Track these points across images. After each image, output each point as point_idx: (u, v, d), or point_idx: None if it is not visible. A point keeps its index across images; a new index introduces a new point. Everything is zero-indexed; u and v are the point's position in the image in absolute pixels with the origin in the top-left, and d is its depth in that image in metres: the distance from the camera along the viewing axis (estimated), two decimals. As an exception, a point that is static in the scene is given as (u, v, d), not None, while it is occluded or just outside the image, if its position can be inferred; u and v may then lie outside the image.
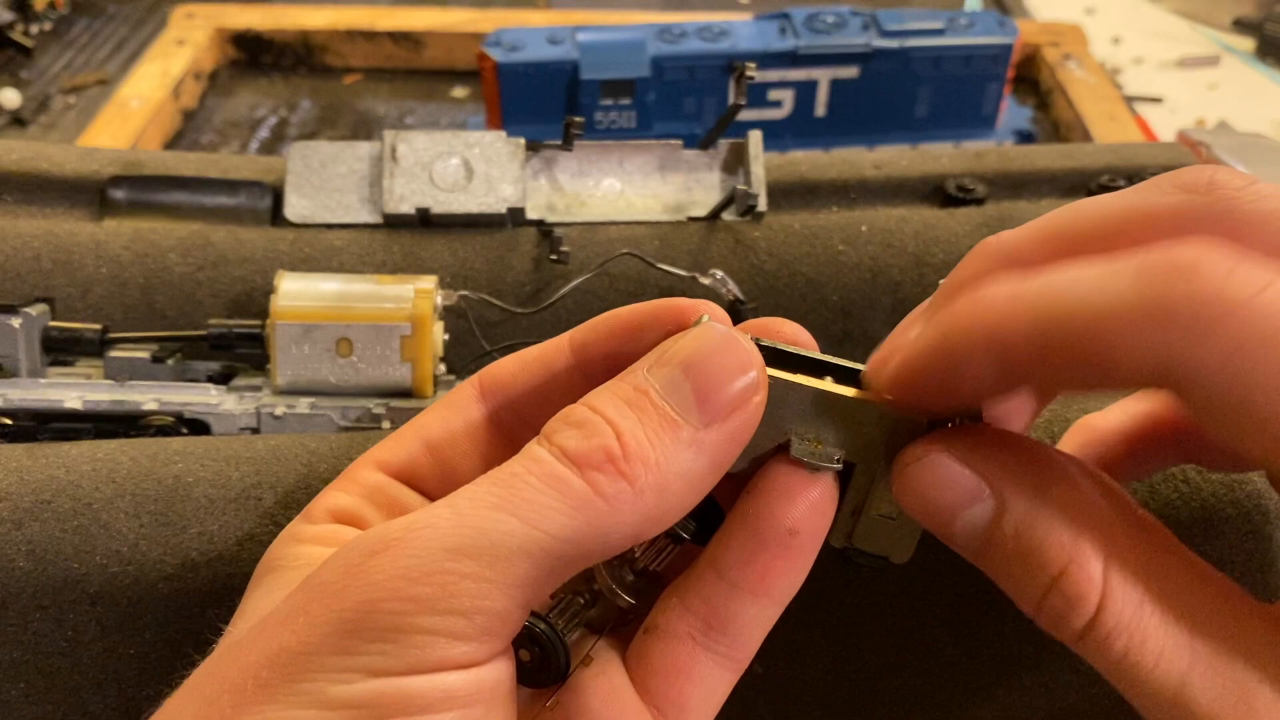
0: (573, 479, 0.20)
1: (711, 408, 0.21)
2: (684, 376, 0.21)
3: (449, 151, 0.44)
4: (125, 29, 0.90)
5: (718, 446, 0.21)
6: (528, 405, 0.25)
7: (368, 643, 0.18)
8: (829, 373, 0.23)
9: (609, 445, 0.20)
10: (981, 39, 0.66)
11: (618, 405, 0.21)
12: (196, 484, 0.31)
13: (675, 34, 0.66)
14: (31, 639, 0.30)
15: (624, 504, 0.20)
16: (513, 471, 0.20)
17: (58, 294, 0.41)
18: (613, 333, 0.24)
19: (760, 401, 0.21)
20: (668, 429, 0.20)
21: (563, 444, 0.20)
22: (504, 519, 0.19)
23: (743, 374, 0.21)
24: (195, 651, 0.30)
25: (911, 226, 0.44)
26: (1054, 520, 0.20)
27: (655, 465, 0.20)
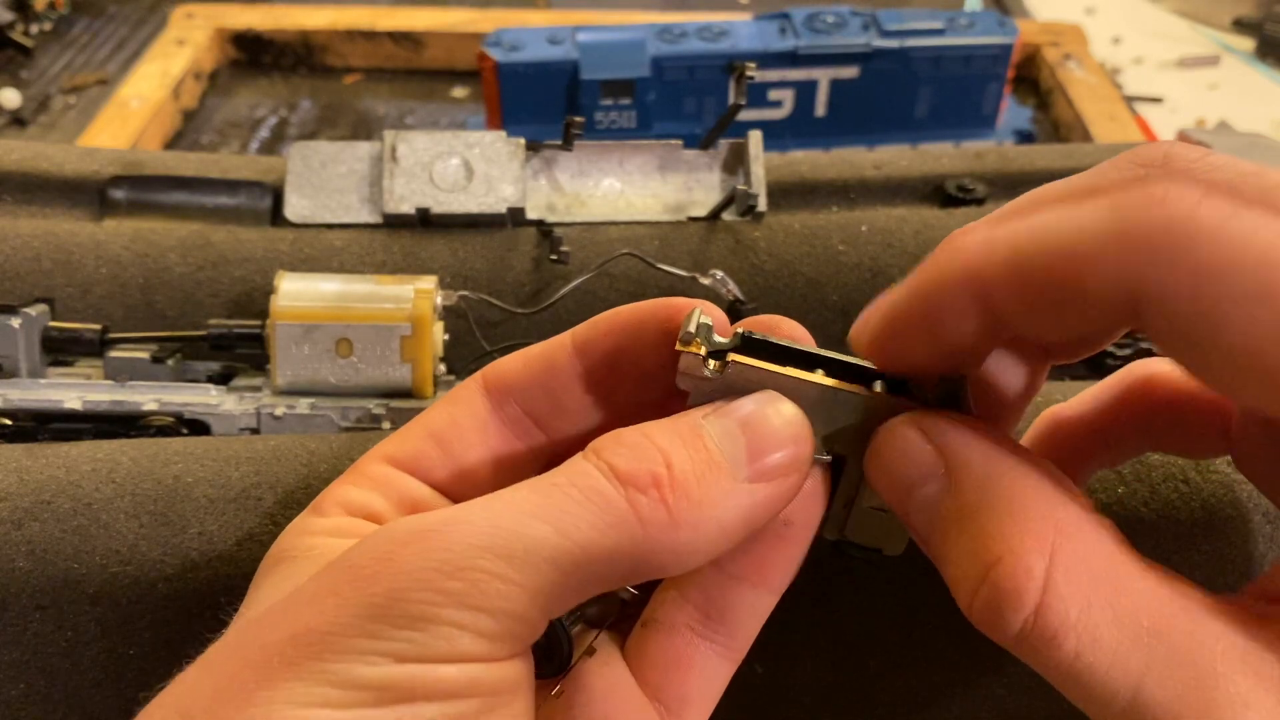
0: (615, 497, 0.20)
1: (760, 466, 0.21)
2: (740, 431, 0.22)
3: (449, 151, 0.44)
4: (125, 29, 0.90)
5: (756, 504, 0.21)
6: (532, 402, 0.25)
7: (396, 629, 0.18)
8: (820, 366, 0.23)
9: (657, 471, 0.20)
10: (981, 39, 0.66)
11: (672, 438, 0.21)
12: (196, 484, 0.31)
13: (675, 34, 0.66)
14: (31, 639, 0.30)
15: (659, 532, 0.20)
16: (554, 482, 0.21)
17: (58, 294, 0.41)
18: (612, 331, 0.24)
19: (804, 475, 0.22)
20: (715, 472, 0.21)
21: (612, 460, 0.21)
22: (539, 525, 0.20)
23: (795, 442, 0.22)
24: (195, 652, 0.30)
25: (911, 226, 0.44)
26: (997, 508, 0.20)
27: (697, 503, 0.20)
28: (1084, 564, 0.20)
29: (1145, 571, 0.20)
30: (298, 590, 0.20)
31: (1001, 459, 0.21)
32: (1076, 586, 0.19)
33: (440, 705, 0.18)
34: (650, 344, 0.24)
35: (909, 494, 0.22)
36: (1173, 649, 0.19)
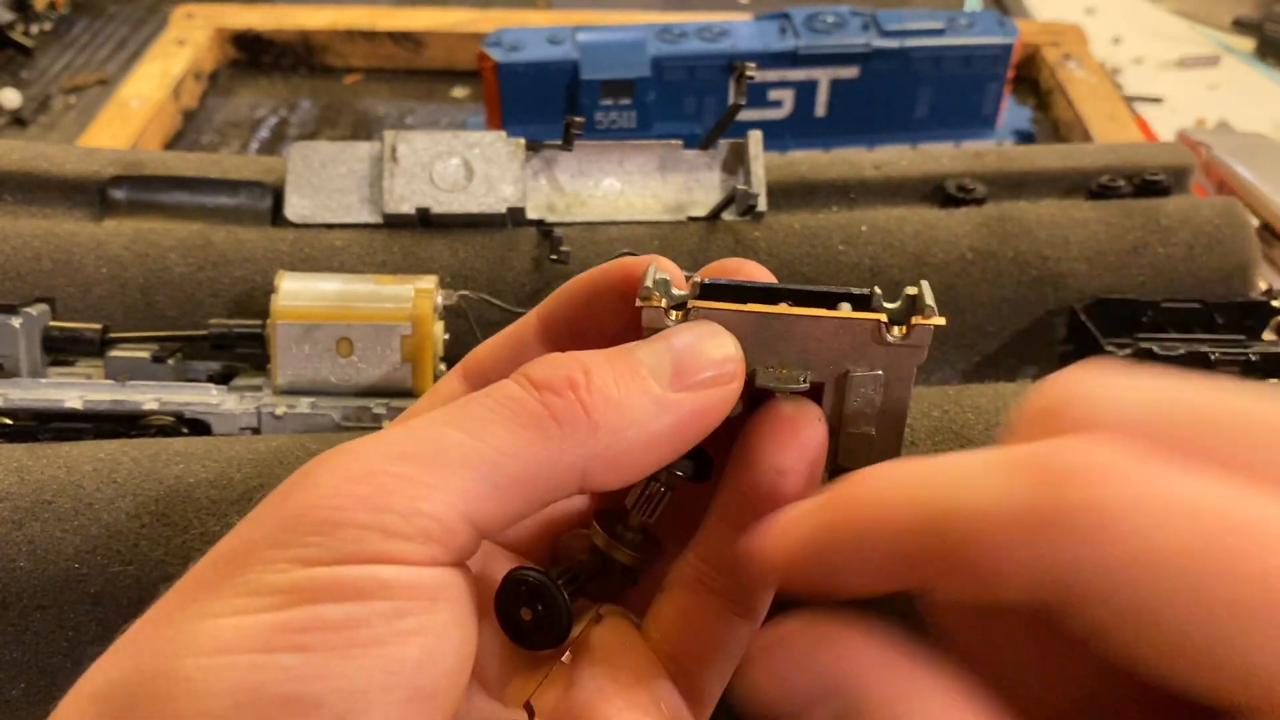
0: (527, 400, 0.20)
1: (684, 376, 0.21)
2: (667, 349, 0.22)
3: (449, 151, 0.44)
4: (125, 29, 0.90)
5: (681, 414, 0.21)
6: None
7: (303, 535, 0.18)
8: (784, 299, 0.23)
9: (574, 376, 0.20)
10: (981, 39, 0.66)
11: (595, 355, 0.21)
12: (198, 485, 0.31)
13: (675, 34, 0.66)
14: (32, 639, 0.30)
15: (576, 431, 0.20)
16: (470, 397, 0.21)
17: (58, 294, 0.41)
18: (573, 300, 0.25)
19: (735, 389, 0.22)
20: (636, 380, 0.21)
21: (529, 372, 0.21)
22: (450, 431, 0.20)
23: (723, 359, 0.22)
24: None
25: (911, 226, 0.44)
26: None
27: (616, 404, 0.20)
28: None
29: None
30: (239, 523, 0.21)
31: (910, 684, 0.18)
32: None
33: (349, 605, 0.18)
34: (610, 308, 0.24)
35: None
36: None
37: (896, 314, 0.23)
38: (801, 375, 0.23)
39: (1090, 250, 0.44)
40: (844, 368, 0.23)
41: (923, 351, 0.23)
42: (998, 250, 0.44)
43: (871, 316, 0.22)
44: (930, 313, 0.22)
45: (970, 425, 0.33)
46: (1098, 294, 0.44)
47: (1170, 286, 0.44)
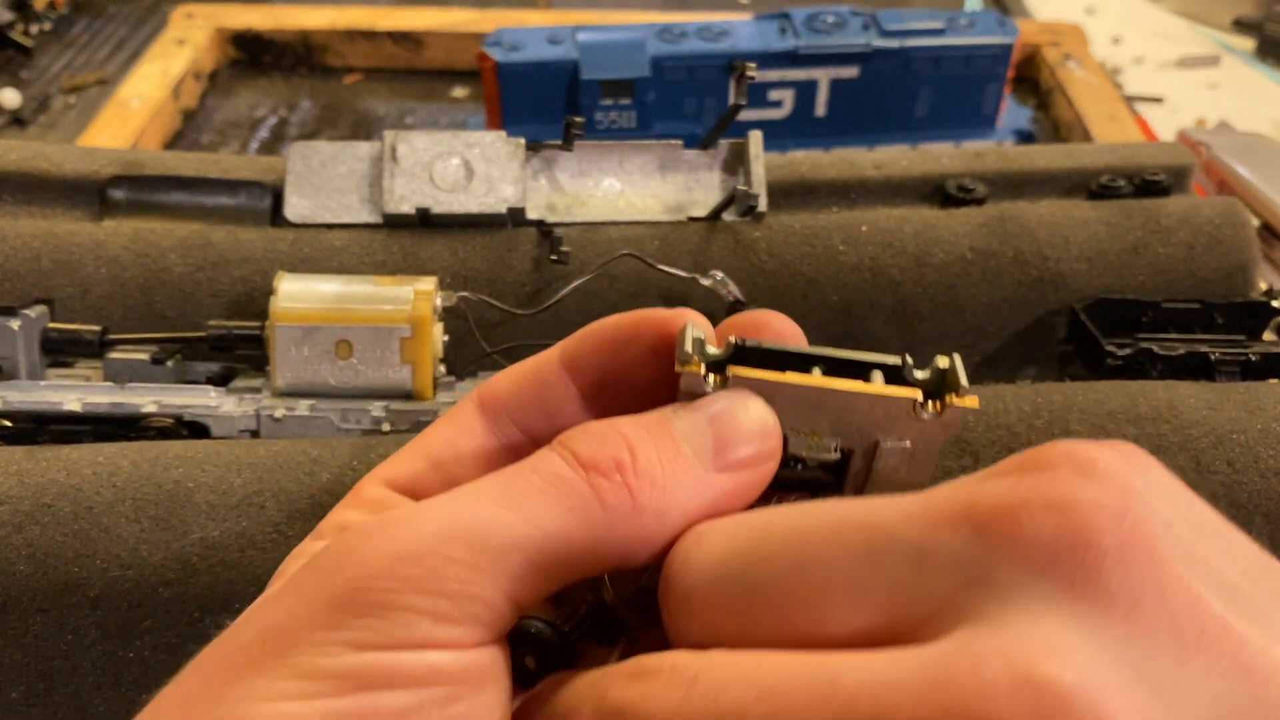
0: (576, 481, 0.20)
1: (726, 457, 0.21)
2: (708, 425, 0.22)
3: (449, 151, 0.44)
4: (125, 29, 0.89)
5: (723, 495, 0.21)
6: (526, 418, 0.25)
7: (355, 618, 0.18)
8: (817, 364, 0.23)
9: (620, 457, 0.20)
10: (981, 39, 0.66)
11: (637, 428, 0.21)
12: (198, 489, 0.31)
13: (675, 34, 0.66)
14: (32, 642, 0.30)
15: (622, 516, 0.20)
16: (518, 471, 0.21)
17: (57, 295, 0.41)
18: (599, 346, 0.24)
19: (772, 468, 0.22)
20: (680, 461, 0.21)
21: (575, 448, 0.21)
22: (501, 511, 0.20)
23: (763, 439, 0.22)
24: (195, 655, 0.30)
25: (911, 226, 0.44)
26: None
27: (661, 488, 0.20)
28: None
29: None
30: (267, 594, 0.20)
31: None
32: None
33: (402, 693, 0.18)
34: (639, 359, 0.24)
35: None
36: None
37: (929, 385, 0.23)
38: (833, 444, 0.23)
39: (1090, 250, 0.44)
40: (874, 438, 0.23)
41: (955, 429, 0.23)
42: (998, 250, 0.44)
43: (908, 394, 0.22)
44: (965, 393, 0.22)
45: (970, 426, 0.33)
46: (1098, 294, 0.44)
47: (1170, 286, 0.44)
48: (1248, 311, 0.43)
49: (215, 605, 0.30)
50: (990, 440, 0.32)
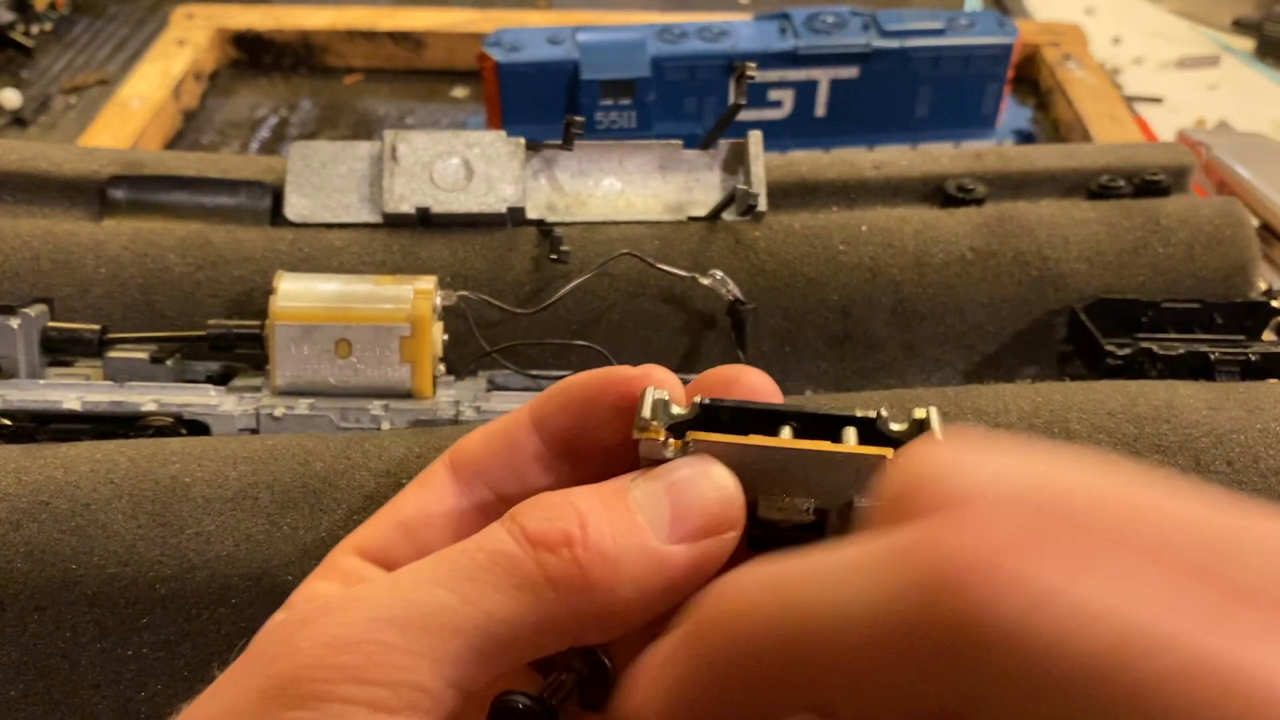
0: (523, 558, 0.19)
1: (683, 528, 0.20)
2: (665, 493, 0.21)
3: (449, 151, 0.44)
4: (126, 29, 0.89)
5: (679, 568, 0.20)
6: (496, 479, 0.24)
7: (289, 710, 0.18)
8: (787, 422, 0.22)
9: (570, 530, 0.19)
10: (981, 39, 0.66)
11: (590, 500, 0.20)
12: (194, 484, 0.31)
13: (675, 34, 0.66)
14: (30, 640, 0.30)
15: (572, 594, 0.19)
16: (463, 548, 0.20)
17: (57, 294, 0.41)
18: (566, 406, 0.24)
19: (734, 537, 0.21)
20: (634, 533, 0.20)
21: (523, 522, 0.20)
22: (441, 593, 0.19)
23: (723, 507, 0.21)
24: (193, 652, 0.30)
25: (911, 226, 0.44)
26: None
27: (613, 563, 0.19)
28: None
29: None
30: (215, 684, 0.20)
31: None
32: None
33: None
34: (604, 419, 0.23)
35: None
36: None
37: (905, 436, 0.22)
38: (805, 505, 0.22)
39: (1090, 250, 0.44)
40: (849, 497, 0.22)
41: None
42: (998, 250, 0.44)
43: (876, 452, 0.21)
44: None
45: (970, 426, 0.33)
46: (1098, 294, 0.44)
47: (1170, 286, 0.44)
48: (1247, 311, 0.43)
49: (212, 600, 0.30)
50: (990, 439, 0.32)
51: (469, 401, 0.37)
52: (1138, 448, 0.32)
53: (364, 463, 0.32)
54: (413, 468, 0.32)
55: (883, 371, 0.44)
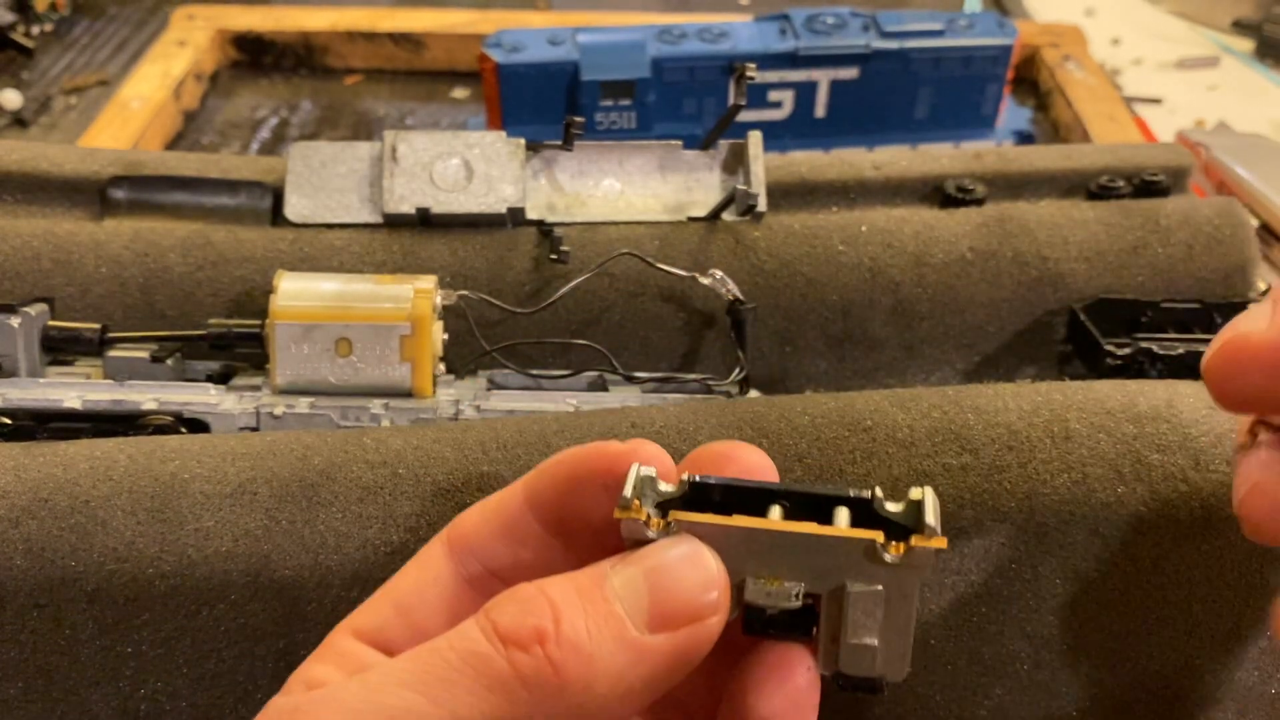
0: (494, 657, 0.19)
1: (662, 615, 0.20)
2: (643, 579, 0.20)
3: (449, 152, 0.44)
4: (126, 30, 0.90)
5: (660, 658, 0.20)
6: (491, 556, 0.24)
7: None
8: (778, 500, 0.22)
9: (542, 626, 0.19)
10: (981, 40, 0.66)
11: (566, 591, 0.20)
12: (193, 480, 0.31)
13: (675, 35, 0.66)
14: (29, 637, 0.30)
15: (545, 693, 0.19)
16: (434, 647, 0.20)
17: (57, 293, 0.41)
18: (556, 484, 0.23)
19: (718, 623, 0.21)
20: (610, 625, 0.19)
21: (495, 618, 0.19)
22: (410, 696, 0.18)
23: (704, 591, 0.20)
24: (192, 648, 0.30)
25: (911, 227, 0.44)
26: None
27: (588, 659, 0.19)
28: None
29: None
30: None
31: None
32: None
33: None
34: (594, 497, 0.23)
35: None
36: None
37: (901, 518, 0.21)
38: (795, 590, 0.21)
39: (1090, 250, 0.44)
40: (840, 581, 0.21)
41: (924, 572, 0.21)
42: (997, 250, 0.44)
43: (866, 535, 0.21)
44: (930, 533, 0.21)
45: (970, 425, 0.33)
46: (1097, 294, 0.44)
47: (1170, 286, 0.44)
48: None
49: (211, 597, 0.30)
50: (990, 439, 0.32)
51: (469, 401, 0.38)
52: (1137, 447, 0.32)
53: (361, 456, 0.32)
54: (410, 460, 0.32)
55: (882, 371, 0.44)
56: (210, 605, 0.30)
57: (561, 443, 0.32)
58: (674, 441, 0.32)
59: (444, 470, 0.32)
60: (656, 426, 0.33)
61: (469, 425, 0.34)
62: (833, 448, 0.32)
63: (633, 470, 0.22)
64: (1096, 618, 0.32)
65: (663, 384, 0.39)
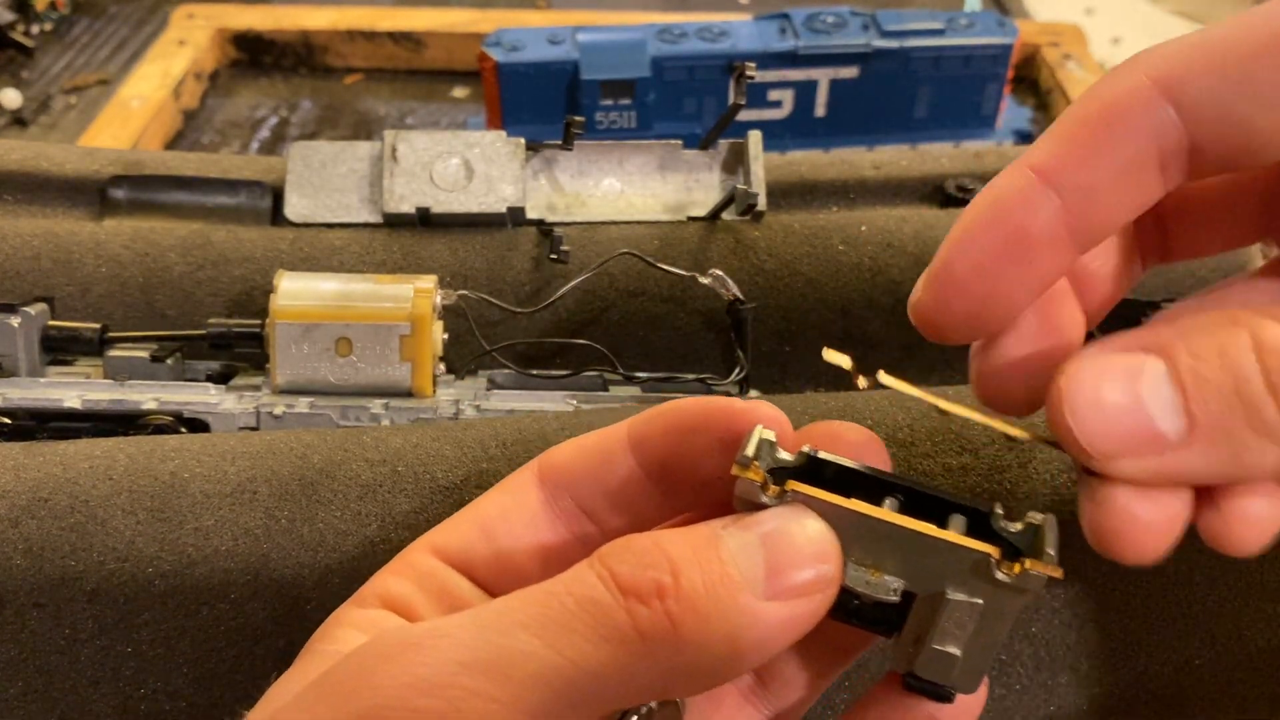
0: (613, 607, 0.19)
1: (778, 584, 0.20)
2: (760, 545, 0.20)
3: (449, 151, 0.44)
4: (126, 29, 0.90)
5: (772, 625, 0.19)
6: (585, 493, 0.24)
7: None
8: (894, 492, 0.22)
9: (662, 580, 0.19)
10: (981, 39, 0.66)
11: (682, 547, 0.20)
12: (192, 479, 0.31)
13: (675, 34, 0.66)
14: (29, 637, 0.30)
15: (660, 647, 0.19)
16: (550, 590, 0.19)
17: (57, 293, 0.41)
18: (667, 430, 0.23)
19: (829, 597, 0.20)
20: (728, 586, 0.19)
21: (614, 567, 0.19)
22: (526, 639, 0.18)
23: (818, 563, 0.20)
24: (192, 648, 0.30)
25: (911, 227, 0.44)
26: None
27: (705, 617, 0.19)
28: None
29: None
30: (287, 702, 0.19)
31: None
32: None
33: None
34: (706, 450, 0.22)
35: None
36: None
37: (1017, 539, 0.21)
38: (894, 585, 0.21)
39: (1090, 250, 0.44)
40: (942, 587, 0.21)
41: (1029, 597, 0.21)
42: (997, 250, 0.44)
43: (983, 549, 0.20)
44: (1049, 561, 0.20)
45: (970, 425, 0.33)
46: (1097, 294, 0.44)
47: (1170, 286, 0.44)
48: (1247, 311, 0.43)
49: (211, 596, 0.30)
50: (990, 439, 0.32)
51: (469, 400, 0.38)
52: (1137, 447, 0.32)
53: (360, 454, 0.32)
54: (409, 458, 0.32)
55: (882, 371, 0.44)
56: (210, 604, 0.30)
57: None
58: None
59: (443, 468, 0.32)
60: (656, 426, 0.33)
61: (469, 424, 0.34)
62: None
63: (755, 431, 0.22)
64: (1097, 618, 0.32)
65: (663, 384, 0.39)
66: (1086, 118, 0.21)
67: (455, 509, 0.30)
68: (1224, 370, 0.19)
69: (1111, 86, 0.20)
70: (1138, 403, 0.20)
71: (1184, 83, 0.20)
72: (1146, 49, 0.21)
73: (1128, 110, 0.20)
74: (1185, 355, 0.19)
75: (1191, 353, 0.19)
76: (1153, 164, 0.20)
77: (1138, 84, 0.20)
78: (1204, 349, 0.19)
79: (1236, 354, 0.19)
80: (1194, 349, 0.19)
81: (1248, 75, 0.19)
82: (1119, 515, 0.20)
